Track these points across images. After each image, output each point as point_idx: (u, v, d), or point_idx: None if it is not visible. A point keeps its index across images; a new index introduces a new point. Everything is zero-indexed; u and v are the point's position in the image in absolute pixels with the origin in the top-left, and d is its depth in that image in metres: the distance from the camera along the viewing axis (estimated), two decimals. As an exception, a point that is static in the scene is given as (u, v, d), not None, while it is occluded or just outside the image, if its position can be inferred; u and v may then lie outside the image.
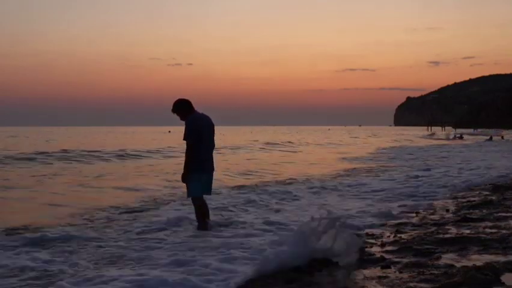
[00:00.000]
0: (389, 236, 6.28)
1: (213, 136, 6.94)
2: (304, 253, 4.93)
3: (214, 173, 7.03)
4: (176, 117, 6.85)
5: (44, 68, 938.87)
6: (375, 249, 5.60)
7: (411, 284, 4.31)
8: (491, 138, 48.16)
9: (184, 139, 6.67)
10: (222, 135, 61.59)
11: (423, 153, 27.18)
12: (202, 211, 6.85)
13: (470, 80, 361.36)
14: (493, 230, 6.30)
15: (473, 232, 6.24)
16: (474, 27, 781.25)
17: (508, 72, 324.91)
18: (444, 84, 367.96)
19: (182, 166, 6.79)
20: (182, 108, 6.79)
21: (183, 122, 6.81)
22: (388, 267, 4.85)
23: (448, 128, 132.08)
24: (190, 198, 6.97)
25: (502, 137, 53.65)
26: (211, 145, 6.87)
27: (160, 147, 31.08)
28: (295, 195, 10.37)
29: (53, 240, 6.28)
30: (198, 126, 6.67)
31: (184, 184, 6.86)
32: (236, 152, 29.25)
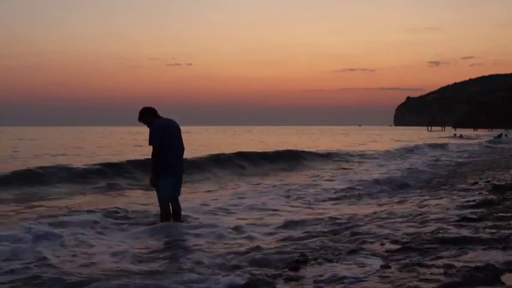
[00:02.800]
0: (389, 236, 6.28)
1: (181, 138, 7.14)
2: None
3: None
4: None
5: (44, 68, 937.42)
6: (375, 249, 5.60)
7: (411, 284, 4.31)
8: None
9: (149, 144, 6.88)
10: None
11: None
12: (167, 214, 7.03)
13: (470, 80, 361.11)
14: (493, 230, 6.30)
15: (473, 232, 6.23)
16: (474, 27, 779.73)
17: (507, 72, 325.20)
18: (444, 84, 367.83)
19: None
20: (147, 115, 7.01)
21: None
22: (388, 266, 4.85)
23: (448, 128, 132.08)
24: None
25: None
26: (178, 148, 7.08)
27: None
28: None
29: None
30: (161, 130, 6.88)
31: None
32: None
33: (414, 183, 13.30)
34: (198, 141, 40.71)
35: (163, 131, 6.88)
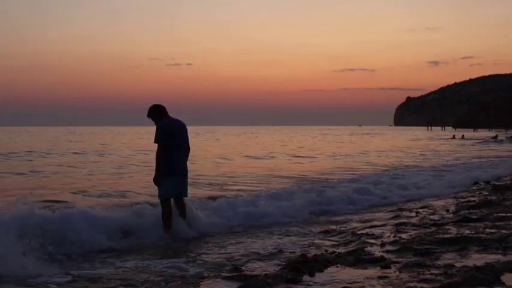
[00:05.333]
0: (389, 236, 6.29)
1: (187, 140, 7.11)
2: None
3: None
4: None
5: (44, 68, 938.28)
6: (375, 249, 5.60)
7: (411, 284, 4.30)
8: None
9: (155, 141, 6.85)
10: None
11: None
12: (168, 213, 6.97)
13: (470, 80, 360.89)
14: (493, 230, 6.30)
15: (473, 232, 6.23)
16: (473, 27, 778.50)
17: (507, 72, 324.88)
18: (444, 84, 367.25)
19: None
20: (156, 113, 7.01)
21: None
22: (388, 267, 4.85)
23: (448, 128, 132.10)
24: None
25: None
26: (184, 148, 7.06)
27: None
28: None
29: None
30: (169, 130, 6.85)
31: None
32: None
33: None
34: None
35: (171, 130, 6.88)
